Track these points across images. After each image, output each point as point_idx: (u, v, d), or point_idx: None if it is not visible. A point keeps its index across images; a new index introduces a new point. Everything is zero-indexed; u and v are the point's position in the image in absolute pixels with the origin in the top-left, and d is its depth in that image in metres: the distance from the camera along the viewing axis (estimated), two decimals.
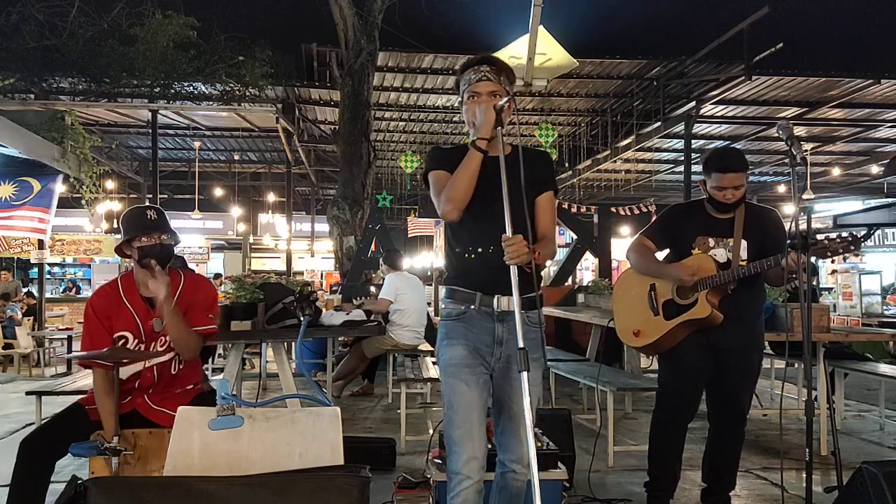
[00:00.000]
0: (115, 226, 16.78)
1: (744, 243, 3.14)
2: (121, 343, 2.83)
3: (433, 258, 15.47)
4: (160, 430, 2.71)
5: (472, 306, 2.32)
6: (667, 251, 3.39)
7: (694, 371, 3.19)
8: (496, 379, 2.35)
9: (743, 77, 9.81)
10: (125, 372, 2.82)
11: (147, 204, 3.08)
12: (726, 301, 3.10)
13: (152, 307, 2.87)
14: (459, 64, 2.46)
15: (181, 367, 2.95)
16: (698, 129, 12.90)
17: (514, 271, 2.13)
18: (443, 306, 2.41)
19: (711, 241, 3.20)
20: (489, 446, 2.37)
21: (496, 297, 2.30)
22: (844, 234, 2.77)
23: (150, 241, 2.83)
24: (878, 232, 15.05)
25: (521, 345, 2.03)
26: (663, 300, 3.23)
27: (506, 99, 2.27)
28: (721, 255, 3.17)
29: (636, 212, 12.34)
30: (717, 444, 3.32)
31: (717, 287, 3.07)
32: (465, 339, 2.32)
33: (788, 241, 2.73)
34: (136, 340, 2.85)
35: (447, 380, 2.31)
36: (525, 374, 1.99)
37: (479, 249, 2.32)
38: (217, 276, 16.86)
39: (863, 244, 2.84)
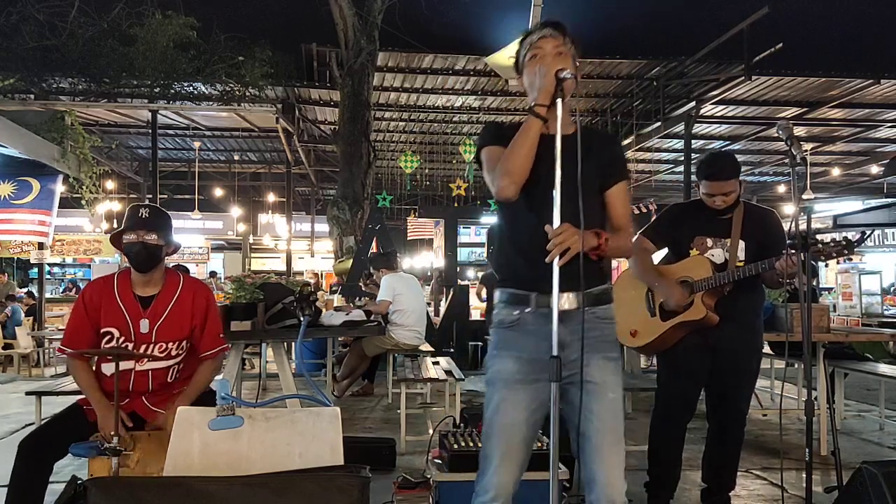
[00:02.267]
0: (115, 226, 16.80)
1: (741, 244, 3.15)
2: (105, 339, 2.80)
3: (433, 258, 15.46)
4: (159, 430, 2.71)
5: (528, 309, 2.03)
6: (666, 250, 3.41)
7: (692, 370, 3.20)
8: (568, 390, 2.00)
9: (743, 77, 9.82)
10: (109, 368, 2.80)
11: (149, 203, 3.06)
12: (723, 302, 3.11)
13: (144, 308, 2.83)
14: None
15: (178, 375, 2.93)
16: (698, 129, 12.90)
17: (555, 268, 1.86)
18: (495, 311, 2.14)
19: (709, 242, 3.21)
20: None
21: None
22: (839, 238, 2.79)
23: (132, 238, 2.80)
24: (878, 232, 15.04)
25: (555, 353, 1.82)
26: (660, 301, 3.25)
27: (570, 73, 1.95)
28: (718, 255, 3.18)
29: (636, 212, 12.34)
30: (717, 445, 3.32)
31: (713, 289, 3.08)
32: (519, 350, 2.03)
33: (789, 242, 2.74)
34: (123, 338, 2.80)
35: (493, 394, 2.04)
36: (555, 384, 1.81)
37: (534, 244, 1.96)
38: (213, 273, 16.87)
39: (857, 247, 2.85)
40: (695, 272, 3.14)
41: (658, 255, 3.43)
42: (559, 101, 1.93)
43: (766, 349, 6.41)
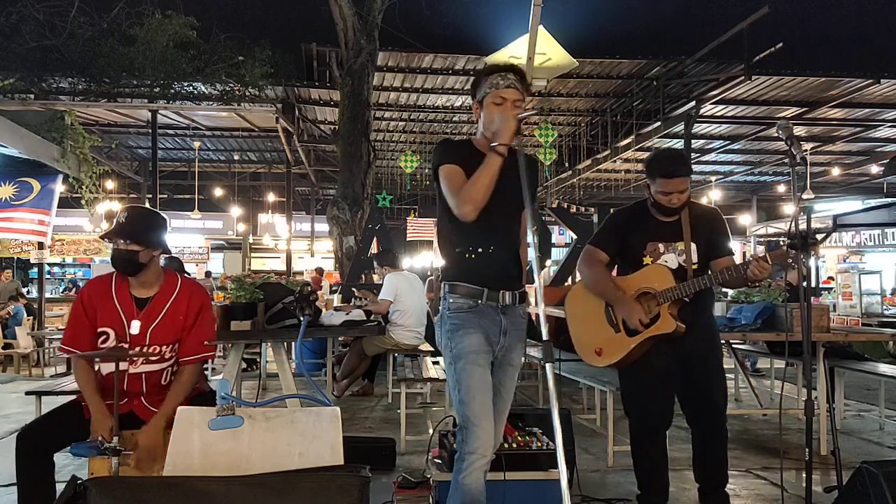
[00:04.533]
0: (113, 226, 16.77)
1: (693, 246, 3.11)
2: (101, 339, 2.79)
3: (433, 258, 15.46)
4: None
5: (480, 301, 2.46)
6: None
7: (662, 378, 3.14)
8: (494, 367, 2.50)
9: (743, 77, 9.81)
10: (105, 368, 2.80)
11: (132, 206, 3.03)
12: (683, 308, 3.07)
13: (139, 309, 2.82)
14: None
15: (173, 378, 2.89)
16: (698, 128, 12.90)
17: (535, 268, 2.24)
18: (450, 300, 2.50)
19: (661, 247, 3.15)
20: None
21: (501, 292, 2.47)
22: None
23: (112, 245, 2.80)
24: (878, 232, 15.04)
25: (545, 337, 2.08)
26: (622, 315, 3.14)
27: (527, 113, 2.41)
28: (672, 260, 3.13)
29: None
30: (703, 446, 3.27)
31: (678, 299, 3.04)
32: (480, 327, 2.44)
33: (789, 242, 2.73)
34: (118, 339, 2.79)
35: (465, 366, 2.40)
36: (549, 364, 2.05)
37: (480, 249, 2.46)
38: (207, 273, 16.81)
39: (820, 244, 2.84)
40: (656, 282, 3.06)
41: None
42: (519, 137, 2.35)
43: (765, 348, 6.40)
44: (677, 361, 3.12)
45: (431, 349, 6.76)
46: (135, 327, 2.79)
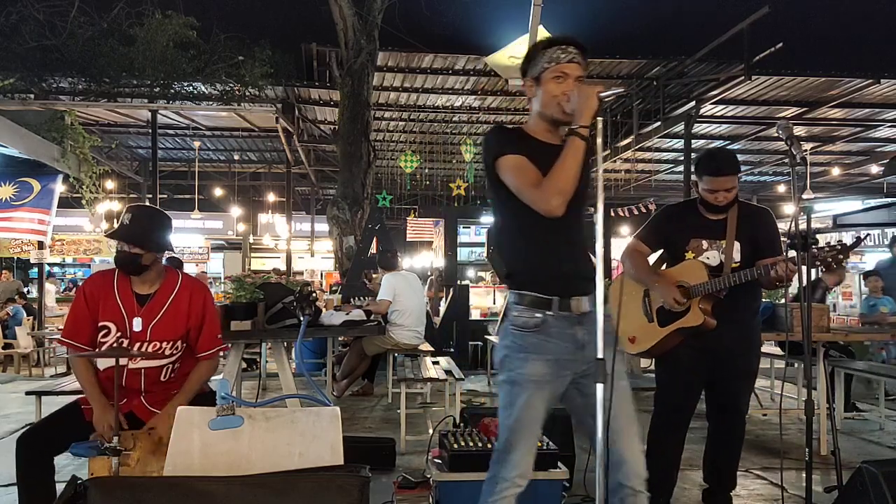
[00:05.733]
0: (115, 226, 16.79)
1: (736, 245, 3.13)
2: (102, 333, 2.80)
3: (433, 258, 15.45)
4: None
5: (549, 312, 2.15)
6: (661, 251, 3.39)
7: (691, 375, 3.18)
8: (581, 382, 2.18)
9: (743, 77, 9.81)
10: (103, 363, 2.81)
11: (138, 205, 3.08)
12: (720, 304, 3.09)
13: (140, 305, 2.83)
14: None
15: (173, 374, 2.91)
16: (698, 128, 12.89)
17: (600, 270, 2.01)
18: (514, 313, 2.20)
19: (705, 244, 3.18)
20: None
21: (573, 299, 2.16)
22: (833, 243, 2.78)
23: (115, 246, 2.83)
24: (878, 232, 15.05)
25: (600, 355, 1.91)
26: (657, 306, 3.22)
27: (615, 91, 2.16)
28: (714, 257, 3.15)
29: (635, 212, 12.36)
30: (718, 445, 3.31)
31: (709, 294, 3.06)
32: (546, 352, 2.14)
33: (788, 242, 2.73)
34: (119, 334, 2.80)
35: (521, 394, 2.13)
36: (601, 385, 1.90)
37: (549, 248, 2.20)
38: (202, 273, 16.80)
39: (851, 251, 2.84)
40: (690, 277, 3.10)
41: (652, 257, 3.42)
42: (599, 119, 2.10)
43: (771, 349, 6.41)
44: (707, 357, 3.14)
45: (431, 349, 6.77)
46: (136, 324, 2.81)
